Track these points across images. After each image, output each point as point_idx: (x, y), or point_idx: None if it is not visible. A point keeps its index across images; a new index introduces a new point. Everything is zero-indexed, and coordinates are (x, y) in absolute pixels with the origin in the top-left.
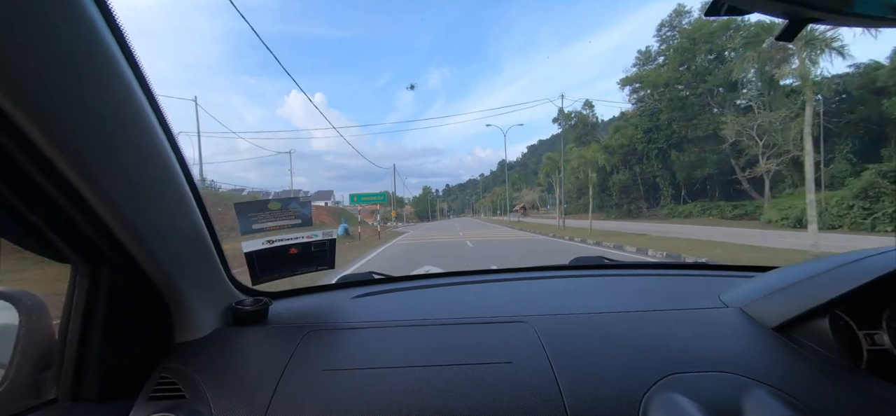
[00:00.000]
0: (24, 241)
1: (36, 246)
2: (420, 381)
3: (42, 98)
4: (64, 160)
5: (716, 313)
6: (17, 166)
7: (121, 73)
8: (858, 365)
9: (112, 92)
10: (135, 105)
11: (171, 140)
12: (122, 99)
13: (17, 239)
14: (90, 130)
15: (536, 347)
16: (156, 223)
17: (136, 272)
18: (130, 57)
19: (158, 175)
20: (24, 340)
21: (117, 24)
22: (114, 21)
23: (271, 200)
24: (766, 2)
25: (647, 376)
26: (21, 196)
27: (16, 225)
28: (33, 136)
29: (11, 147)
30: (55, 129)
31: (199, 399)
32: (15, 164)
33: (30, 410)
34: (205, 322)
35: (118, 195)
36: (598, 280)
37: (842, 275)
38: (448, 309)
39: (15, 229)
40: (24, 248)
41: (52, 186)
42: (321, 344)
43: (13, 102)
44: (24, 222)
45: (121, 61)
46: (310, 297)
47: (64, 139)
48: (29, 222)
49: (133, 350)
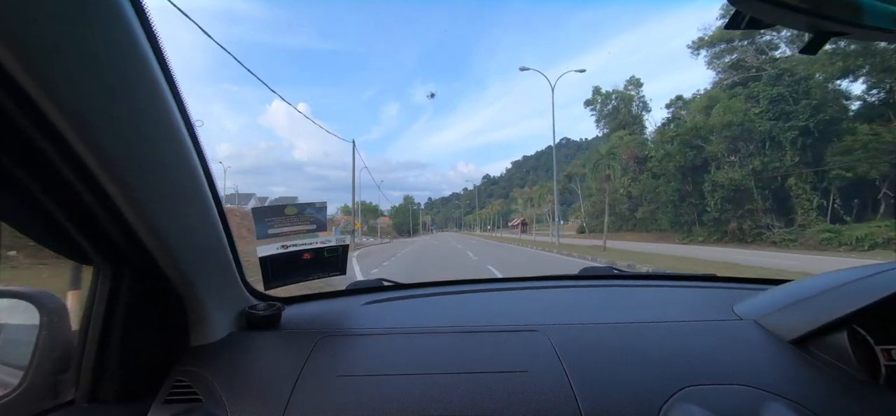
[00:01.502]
0: (50, 241)
1: (61, 247)
2: (436, 388)
3: (79, 98)
4: (95, 160)
5: (730, 326)
6: (50, 165)
7: (152, 73)
8: (876, 380)
9: (144, 93)
10: (164, 107)
11: (195, 143)
12: (153, 101)
13: (44, 239)
14: (122, 132)
15: (551, 356)
16: (179, 226)
17: (156, 275)
18: (161, 58)
19: (184, 178)
20: (44, 341)
21: (151, 26)
22: (148, 23)
23: (288, 206)
24: (786, 16)
25: (664, 388)
26: (52, 196)
27: (43, 225)
28: (68, 135)
29: (47, 146)
30: (89, 129)
31: (215, 403)
32: (49, 163)
33: (48, 411)
34: (219, 326)
35: (145, 197)
36: (608, 291)
37: (859, 289)
38: (459, 317)
39: (42, 229)
40: (49, 248)
41: (82, 186)
42: (334, 350)
43: (53, 102)
44: (52, 222)
45: (152, 62)
46: (321, 303)
47: (97, 139)
48: (57, 223)
49: (150, 353)
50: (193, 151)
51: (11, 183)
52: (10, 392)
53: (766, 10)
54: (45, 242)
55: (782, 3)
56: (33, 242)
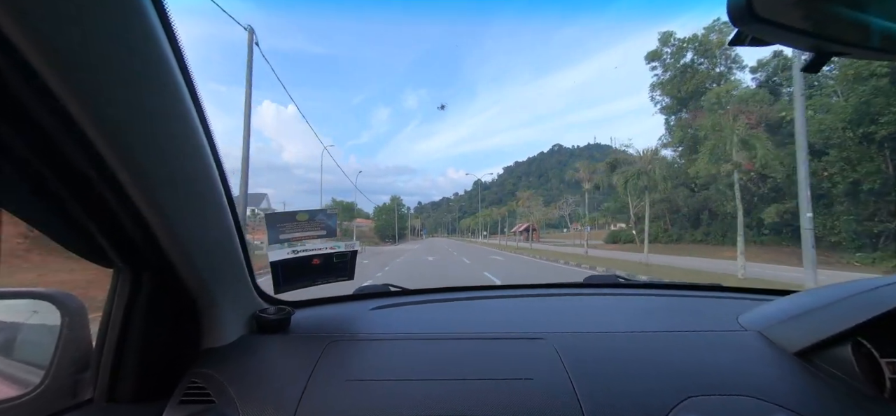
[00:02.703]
0: (73, 243)
1: (83, 249)
2: (443, 394)
3: (109, 105)
4: (118, 162)
5: (735, 336)
6: (74, 167)
7: (174, 77)
8: (881, 394)
9: (166, 97)
10: (184, 111)
11: (213, 148)
12: (174, 104)
13: (67, 241)
14: (149, 138)
15: (557, 365)
16: (197, 230)
17: (173, 278)
18: (182, 62)
19: (202, 182)
20: (64, 341)
21: (172, 28)
22: (169, 24)
23: (299, 212)
24: (789, 35)
25: (668, 398)
26: (76, 198)
27: (67, 228)
28: (96, 141)
29: (75, 151)
30: (113, 130)
31: (228, 405)
32: (73, 164)
33: (67, 410)
34: (231, 329)
35: (165, 200)
36: (613, 299)
37: (864, 301)
38: (466, 323)
39: (66, 232)
40: (72, 250)
41: (107, 190)
42: (344, 355)
43: (84, 109)
44: (76, 225)
45: (174, 66)
46: (329, 307)
47: (120, 141)
48: (80, 225)
49: (165, 354)
50: (212, 157)
51: (38, 185)
52: (31, 391)
53: (771, 31)
54: (68, 244)
55: (786, 25)
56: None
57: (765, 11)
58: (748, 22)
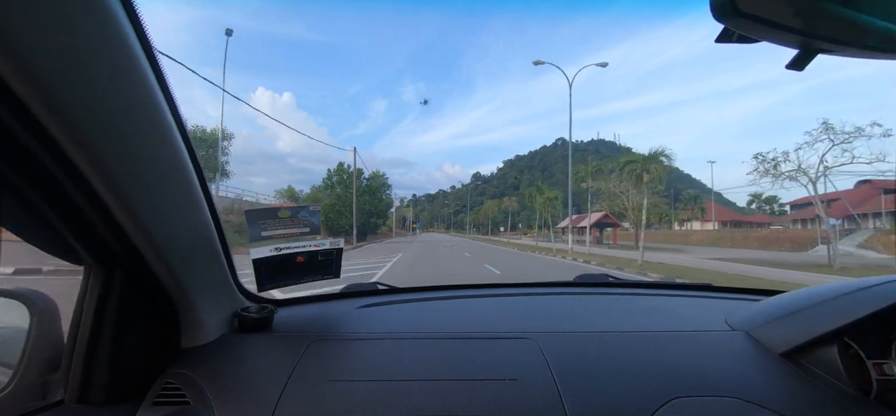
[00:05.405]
0: (42, 242)
1: (53, 247)
2: (425, 395)
3: (66, 97)
4: (84, 160)
5: (721, 336)
6: (39, 165)
7: (143, 73)
8: (867, 395)
9: (134, 93)
10: (153, 106)
11: (186, 142)
12: (144, 100)
13: (36, 240)
14: (111, 130)
15: (541, 365)
16: (170, 227)
17: (147, 276)
18: (151, 57)
19: (175, 178)
20: (33, 340)
21: (141, 25)
22: (138, 21)
23: (281, 208)
24: (776, 32)
25: (653, 399)
26: (43, 196)
27: (35, 226)
28: (57, 134)
29: (35, 145)
30: (78, 128)
31: (203, 406)
32: (38, 163)
33: (36, 411)
34: (211, 328)
35: (136, 198)
36: (602, 299)
37: (851, 302)
38: (453, 323)
39: (34, 230)
40: (42, 248)
41: (72, 186)
42: (326, 354)
43: (44, 103)
44: (43, 222)
45: (143, 62)
46: (314, 306)
47: (86, 139)
48: (48, 223)
49: (140, 354)
50: (185, 152)
51: (3, 183)
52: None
53: (759, 28)
54: (37, 242)
55: (773, 21)
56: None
57: (747, 6)
58: (732, 17)
